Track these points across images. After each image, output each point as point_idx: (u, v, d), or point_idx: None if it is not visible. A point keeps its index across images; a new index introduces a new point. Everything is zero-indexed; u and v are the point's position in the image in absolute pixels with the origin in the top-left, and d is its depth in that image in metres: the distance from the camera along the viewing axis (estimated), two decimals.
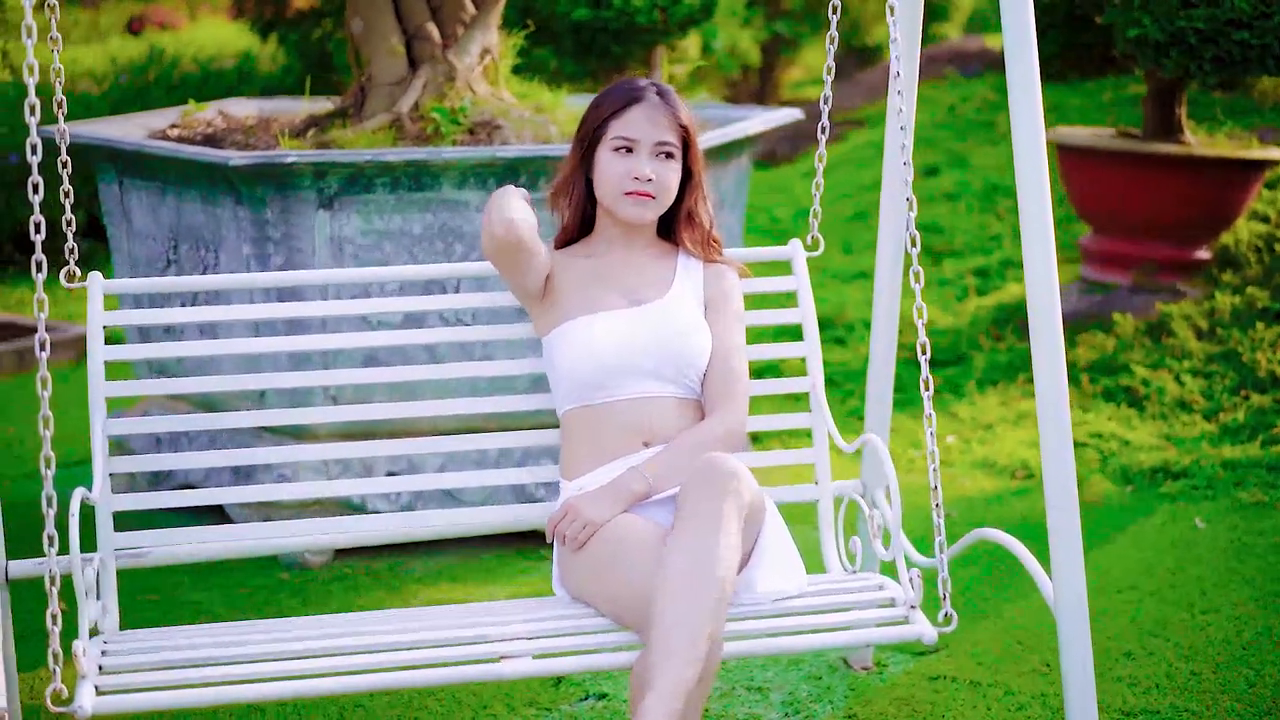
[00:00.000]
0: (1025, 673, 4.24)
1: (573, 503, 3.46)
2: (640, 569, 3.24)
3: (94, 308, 3.65)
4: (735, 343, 3.65)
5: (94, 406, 3.58)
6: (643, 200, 3.60)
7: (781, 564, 3.47)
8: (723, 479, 3.23)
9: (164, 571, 5.08)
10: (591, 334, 3.55)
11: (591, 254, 3.70)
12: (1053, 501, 3.41)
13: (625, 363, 3.54)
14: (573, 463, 3.60)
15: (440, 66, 5.51)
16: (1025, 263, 3.39)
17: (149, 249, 5.35)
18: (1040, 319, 3.39)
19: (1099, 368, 6.80)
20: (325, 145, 5.26)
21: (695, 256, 3.73)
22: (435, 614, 3.54)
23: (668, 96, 3.64)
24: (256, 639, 3.32)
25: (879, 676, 4.27)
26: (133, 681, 3.14)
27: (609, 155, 3.59)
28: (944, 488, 5.81)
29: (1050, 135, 7.82)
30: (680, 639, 3.05)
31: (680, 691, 3.01)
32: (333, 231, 4.88)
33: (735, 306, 3.71)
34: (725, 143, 5.46)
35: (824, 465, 3.88)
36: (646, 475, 3.46)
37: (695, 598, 3.10)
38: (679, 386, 3.60)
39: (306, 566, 5.14)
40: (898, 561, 3.62)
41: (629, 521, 3.40)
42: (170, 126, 5.86)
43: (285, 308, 3.80)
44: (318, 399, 4.93)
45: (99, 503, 3.51)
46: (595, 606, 3.43)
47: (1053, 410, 3.39)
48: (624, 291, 3.64)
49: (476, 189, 4.94)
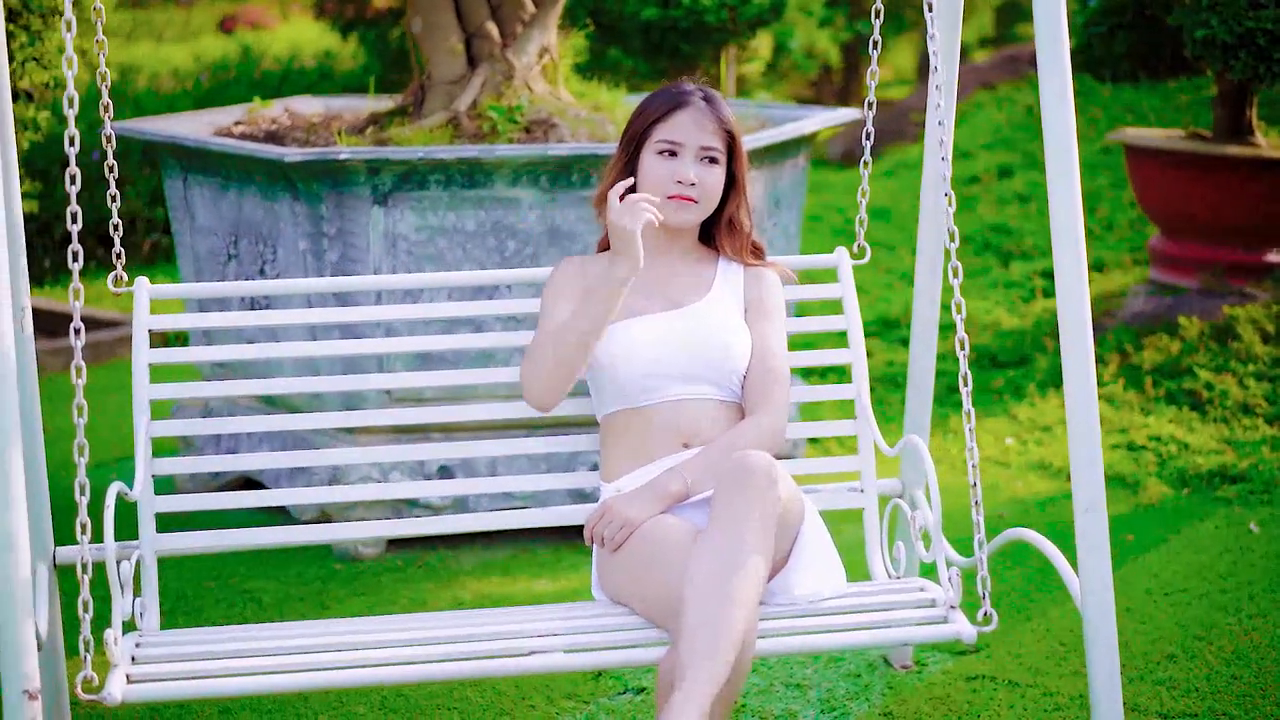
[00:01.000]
0: (1066, 674, 4.23)
1: (610, 503, 3.48)
2: (676, 569, 3.26)
3: (140, 312, 3.73)
4: (775, 344, 3.67)
5: (137, 409, 3.65)
6: (685, 204, 3.62)
7: (819, 566, 3.47)
8: (754, 479, 3.23)
9: (220, 560, 5.17)
10: (631, 338, 3.58)
11: None
12: (1080, 503, 3.41)
13: (666, 366, 3.57)
14: (612, 465, 3.63)
15: (499, 65, 5.56)
16: (1056, 269, 3.38)
17: (210, 244, 5.44)
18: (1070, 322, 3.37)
19: (1163, 370, 6.75)
20: (383, 142, 5.32)
21: (736, 261, 3.75)
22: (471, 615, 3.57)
23: (714, 101, 3.66)
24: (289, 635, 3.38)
25: (917, 675, 4.28)
26: (164, 671, 3.20)
27: (653, 158, 3.61)
28: (999, 489, 5.81)
29: (1119, 137, 7.78)
30: (707, 639, 3.07)
31: (707, 691, 3.02)
32: (387, 227, 4.95)
33: (775, 309, 3.72)
34: (781, 141, 5.48)
35: (869, 472, 3.88)
36: (684, 476, 3.48)
37: (723, 598, 3.11)
38: (719, 389, 3.62)
39: (359, 558, 5.21)
40: (938, 561, 3.62)
41: (666, 522, 3.42)
42: (235, 124, 5.96)
43: (340, 313, 3.88)
44: (371, 397, 4.99)
45: (141, 501, 3.59)
46: (631, 606, 3.45)
47: (1082, 414, 3.38)
48: (664, 295, 3.66)
49: (529, 186, 4.98)
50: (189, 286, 3.94)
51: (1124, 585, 4.75)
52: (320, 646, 3.30)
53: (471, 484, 3.87)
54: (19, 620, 2.93)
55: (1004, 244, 8.81)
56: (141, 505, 3.61)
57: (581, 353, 3.51)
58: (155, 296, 3.79)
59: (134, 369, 3.69)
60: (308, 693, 4.18)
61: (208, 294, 3.93)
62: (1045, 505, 5.64)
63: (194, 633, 3.50)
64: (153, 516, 3.65)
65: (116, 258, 3.75)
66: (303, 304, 5.11)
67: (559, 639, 3.32)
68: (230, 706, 4.13)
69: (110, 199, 3.69)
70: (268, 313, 3.88)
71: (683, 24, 8.97)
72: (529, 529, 5.04)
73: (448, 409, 3.88)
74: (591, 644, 3.35)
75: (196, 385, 3.85)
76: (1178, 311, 7.16)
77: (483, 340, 3.93)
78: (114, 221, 3.68)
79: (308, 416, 3.83)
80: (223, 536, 3.79)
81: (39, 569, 3.62)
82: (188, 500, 3.75)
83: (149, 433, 3.65)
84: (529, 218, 5.01)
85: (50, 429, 5.99)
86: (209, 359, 3.83)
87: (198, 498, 3.76)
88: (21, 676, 2.96)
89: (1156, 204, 7.61)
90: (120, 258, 3.76)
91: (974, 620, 3.43)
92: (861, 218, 4.12)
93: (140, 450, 3.61)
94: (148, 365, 3.70)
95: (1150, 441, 6.15)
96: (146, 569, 3.62)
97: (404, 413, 3.87)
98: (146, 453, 3.62)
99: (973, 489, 3.46)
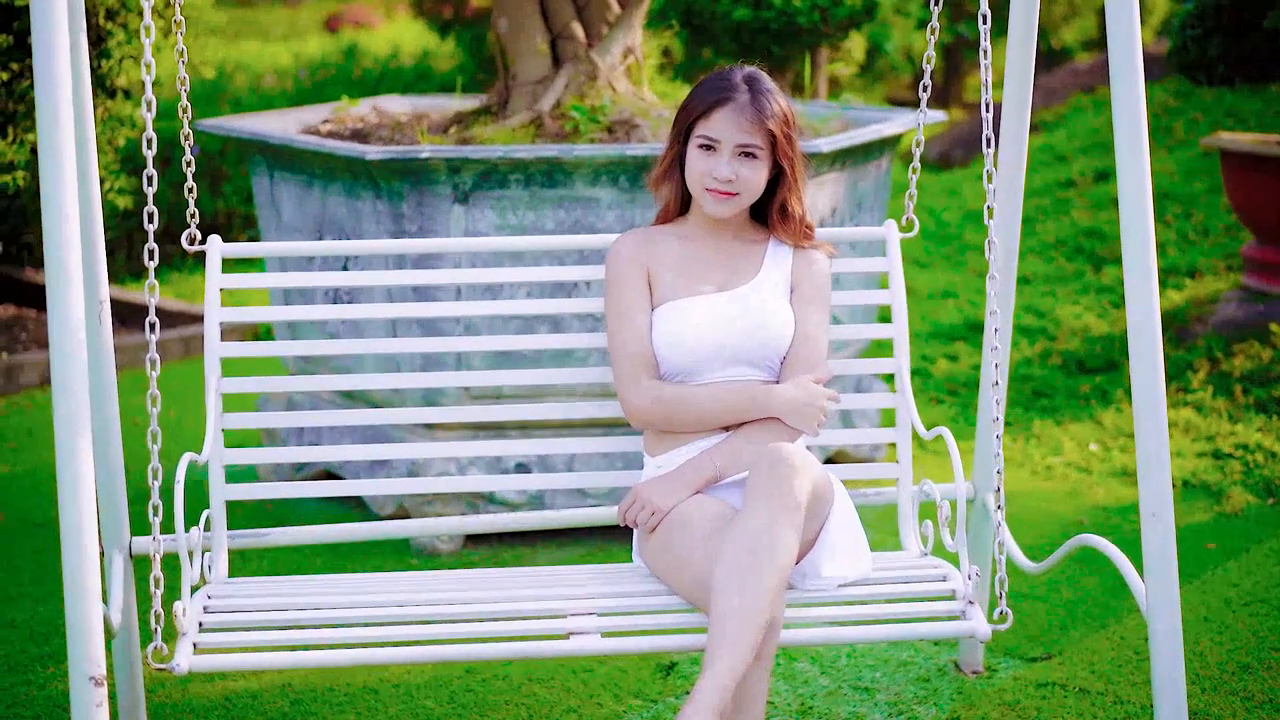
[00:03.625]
0: (1138, 683, 4.19)
1: (640, 489, 3.57)
2: (707, 550, 3.35)
3: (211, 270, 3.82)
4: (816, 324, 3.71)
5: (209, 366, 3.74)
6: (723, 198, 3.65)
7: (847, 550, 3.53)
8: (784, 467, 3.29)
9: (298, 553, 5.23)
10: (685, 318, 3.64)
11: (684, 235, 3.76)
12: (1147, 509, 3.37)
13: (712, 347, 3.63)
14: (653, 439, 3.71)
15: (583, 66, 5.59)
16: (1125, 275, 3.34)
17: (295, 240, 5.50)
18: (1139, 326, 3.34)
19: (1253, 378, 6.67)
20: (466, 142, 5.36)
21: (786, 243, 3.77)
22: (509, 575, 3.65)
23: (758, 94, 3.62)
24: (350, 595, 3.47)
25: (987, 680, 4.26)
26: (231, 640, 3.29)
27: (694, 151, 3.64)
28: (1080, 495, 5.76)
29: (1214, 141, 7.68)
30: (733, 624, 3.13)
31: (733, 675, 3.10)
32: (467, 226, 4.98)
33: (821, 290, 3.75)
34: (864, 143, 5.47)
35: (905, 446, 3.93)
36: (714, 461, 3.56)
37: (751, 584, 3.17)
38: (763, 370, 3.68)
39: (436, 553, 5.25)
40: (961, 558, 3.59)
41: (700, 503, 3.51)
42: (323, 122, 6.02)
43: (419, 308, 3.93)
44: (450, 394, 5.03)
45: (211, 458, 3.69)
46: (668, 584, 3.52)
47: (1151, 421, 3.35)
48: (714, 277, 3.71)
49: (609, 186, 5.00)
50: (262, 245, 4.00)
51: (1202, 594, 4.70)
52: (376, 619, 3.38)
53: (548, 479, 3.92)
54: (86, 606, 2.98)
55: (1097, 249, 8.72)
56: (211, 461, 3.71)
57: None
58: (227, 255, 3.87)
59: (206, 326, 3.77)
60: (377, 687, 4.23)
61: (280, 253, 4.00)
62: (1127, 512, 5.58)
63: (257, 583, 3.62)
64: (222, 469, 3.74)
65: (190, 217, 3.83)
66: (384, 298, 5.15)
67: (598, 620, 3.37)
68: (301, 698, 4.18)
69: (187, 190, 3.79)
70: (348, 307, 3.94)
71: (774, 25, 8.95)
72: (604, 526, 5.08)
73: (525, 407, 3.93)
74: (631, 626, 3.40)
75: (279, 380, 3.91)
76: (1270, 319, 7.07)
77: (561, 339, 3.97)
78: (188, 185, 3.78)
79: (387, 412, 3.89)
80: (301, 531, 3.86)
81: (115, 558, 3.70)
82: (266, 489, 3.83)
83: (219, 389, 3.74)
84: (608, 217, 5.03)
85: (141, 423, 6.12)
86: (288, 353, 3.88)
87: (285, 486, 3.89)
88: (88, 662, 3.01)
89: (1250, 209, 7.51)
90: (194, 216, 3.84)
91: (990, 619, 3.43)
92: (911, 192, 4.09)
93: (211, 407, 3.72)
94: (219, 324, 3.78)
95: (1237, 450, 6.07)
96: (216, 521, 3.71)
97: (482, 410, 3.92)
98: (217, 409, 3.72)
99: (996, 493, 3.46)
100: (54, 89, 2.97)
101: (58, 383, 2.95)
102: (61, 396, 2.95)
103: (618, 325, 3.67)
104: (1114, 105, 3.36)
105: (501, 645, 3.29)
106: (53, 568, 5.12)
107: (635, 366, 3.64)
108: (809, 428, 3.57)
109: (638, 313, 3.67)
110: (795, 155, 3.69)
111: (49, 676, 4.35)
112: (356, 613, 3.37)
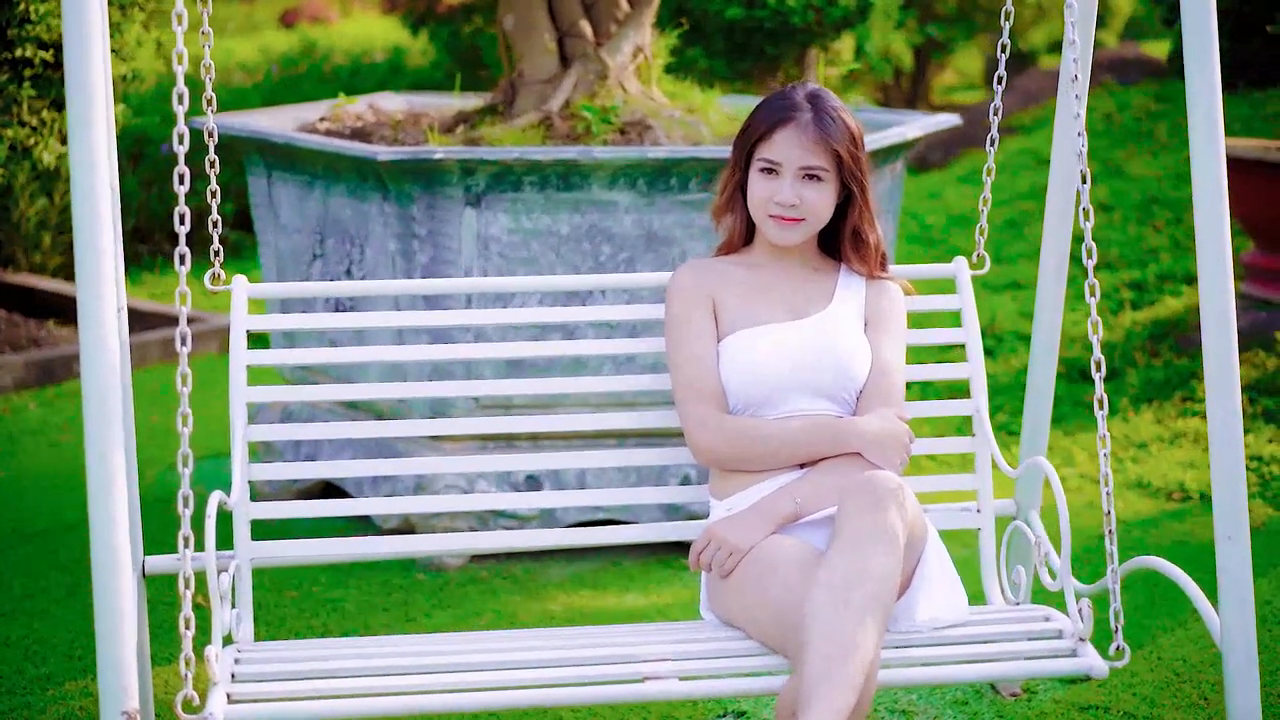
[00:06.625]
0: (1183, 706, 4.07)
1: (715, 529, 3.35)
2: (792, 590, 3.13)
3: (237, 312, 3.59)
4: (893, 359, 3.52)
5: (234, 413, 3.52)
6: (787, 225, 3.48)
7: (943, 591, 3.34)
8: (883, 493, 3.11)
9: (301, 569, 5.06)
10: (755, 347, 3.45)
11: (751, 265, 3.59)
12: (1222, 532, 3.26)
13: (786, 378, 3.43)
14: (723, 481, 3.49)
15: (592, 65, 5.43)
16: (1200, 281, 3.24)
17: (295, 242, 5.33)
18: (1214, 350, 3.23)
19: (1260, 387, 6.56)
20: (474, 142, 5.20)
21: (858, 273, 3.61)
22: (579, 633, 3.46)
23: (822, 116, 3.45)
24: (394, 652, 3.26)
25: (1026, 704, 4.12)
26: (266, 691, 3.09)
27: (756, 175, 3.48)
28: (1097, 508, 5.63)
29: None
30: (836, 664, 2.93)
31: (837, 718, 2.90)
32: (479, 229, 4.82)
33: (897, 323, 3.58)
34: (879, 148, 5.33)
35: (986, 492, 3.72)
36: (794, 496, 3.34)
37: (853, 620, 2.98)
38: (837, 403, 3.48)
39: (443, 569, 5.09)
40: (1065, 591, 3.46)
41: (778, 542, 3.29)
42: (320, 120, 5.84)
43: (427, 316, 3.76)
44: (459, 404, 4.87)
45: (236, 509, 3.46)
46: (744, 630, 3.32)
47: (1226, 434, 3.24)
48: (786, 306, 3.52)
49: (626, 189, 4.85)
50: (286, 286, 3.83)
51: None
52: (426, 667, 3.19)
53: (559, 496, 3.75)
54: (122, 638, 2.81)
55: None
56: (237, 514, 3.49)
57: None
58: (253, 296, 3.66)
59: (232, 372, 3.55)
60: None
61: (302, 294, 3.81)
62: (1147, 526, 5.46)
63: (293, 646, 3.40)
64: (248, 524, 3.52)
65: (214, 254, 3.63)
66: (390, 306, 4.99)
67: (675, 665, 3.18)
68: None
69: (211, 194, 3.55)
70: (353, 315, 3.78)
71: (768, 24, 8.81)
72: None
73: (537, 418, 3.77)
74: (706, 670, 3.22)
75: (283, 389, 3.73)
76: (1273, 327, 6.98)
77: (575, 347, 3.80)
78: (213, 218, 3.56)
79: (393, 424, 3.72)
80: (315, 547, 3.67)
81: None
82: (280, 508, 3.63)
83: (246, 437, 3.53)
84: (625, 221, 4.88)
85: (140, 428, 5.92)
86: (298, 361, 3.71)
87: (289, 505, 3.65)
88: (121, 695, 2.84)
89: (1250, 216, 7.42)
90: (219, 255, 3.64)
91: (1105, 655, 3.28)
92: (982, 226, 3.97)
93: (237, 456, 3.47)
94: (245, 367, 3.57)
95: (1251, 461, 5.95)
96: (242, 579, 3.49)
97: (491, 421, 3.75)
98: (244, 458, 3.49)
99: (1106, 516, 3.31)
100: (88, 90, 2.86)
101: (91, 408, 2.82)
102: (95, 415, 2.82)
103: (682, 358, 3.47)
104: (1189, 107, 3.25)
105: (575, 690, 3.11)
106: (46, 582, 4.93)
107: (703, 401, 3.43)
108: (892, 464, 3.36)
109: (704, 344, 3.47)
110: (865, 177, 3.50)
111: (49, 699, 4.16)
112: (410, 662, 3.19)
